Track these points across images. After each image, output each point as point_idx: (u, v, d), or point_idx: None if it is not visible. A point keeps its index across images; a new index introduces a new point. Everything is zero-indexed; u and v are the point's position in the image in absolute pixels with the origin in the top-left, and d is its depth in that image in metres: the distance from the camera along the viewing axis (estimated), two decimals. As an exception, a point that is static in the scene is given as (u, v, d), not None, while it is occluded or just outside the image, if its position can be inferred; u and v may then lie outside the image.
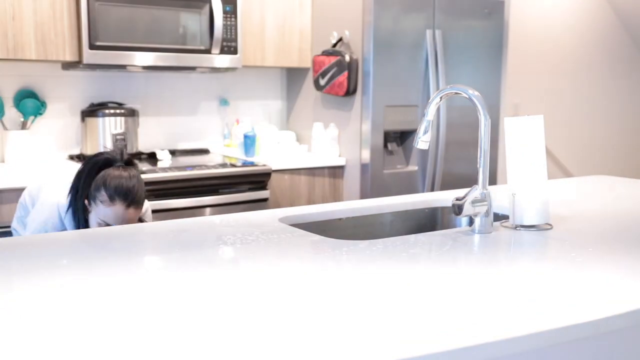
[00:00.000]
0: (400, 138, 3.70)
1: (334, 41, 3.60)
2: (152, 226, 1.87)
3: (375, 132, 3.49)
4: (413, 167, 3.68)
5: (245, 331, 1.06)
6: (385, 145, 3.58)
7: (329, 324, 1.10)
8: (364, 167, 3.53)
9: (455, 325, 1.09)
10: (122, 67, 3.23)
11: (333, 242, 1.64)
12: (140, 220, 2.15)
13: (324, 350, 0.99)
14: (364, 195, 3.53)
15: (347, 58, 3.48)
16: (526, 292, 1.28)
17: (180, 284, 1.31)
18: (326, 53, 3.61)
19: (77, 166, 2.23)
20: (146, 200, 2.18)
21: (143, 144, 3.59)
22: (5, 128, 3.21)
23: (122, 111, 3.35)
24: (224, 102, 3.88)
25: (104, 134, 3.28)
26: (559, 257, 1.55)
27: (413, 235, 1.73)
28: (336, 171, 3.63)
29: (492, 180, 3.79)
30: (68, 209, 2.10)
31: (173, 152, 3.65)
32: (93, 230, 1.85)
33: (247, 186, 3.27)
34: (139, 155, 3.45)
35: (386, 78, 3.49)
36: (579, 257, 1.53)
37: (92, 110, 3.33)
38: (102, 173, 2.07)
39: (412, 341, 1.03)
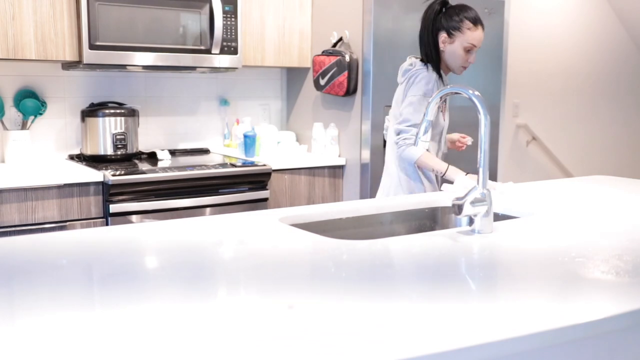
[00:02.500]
0: (400, 138, 3.69)
1: (334, 41, 3.60)
2: (151, 226, 1.87)
3: (375, 132, 3.49)
4: (413, 167, 3.67)
5: (244, 332, 1.06)
6: (385, 146, 3.58)
7: (329, 324, 1.10)
8: (364, 167, 3.53)
9: (455, 325, 1.09)
10: (122, 67, 3.23)
11: (333, 242, 1.64)
12: None
13: (325, 352, 0.99)
14: (364, 195, 3.53)
15: (347, 58, 3.48)
16: (526, 292, 1.28)
17: (179, 284, 1.31)
18: (326, 53, 3.61)
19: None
20: None
21: (143, 144, 3.59)
22: (5, 128, 3.21)
23: (122, 111, 3.35)
24: (224, 102, 3.88)
25: (104, 134, 3.28)
26: (559, 257, 1.55)
27: (413, 235, 1.73)
28: (336, 171, 3.63)
29: (492, 180, 3.78)
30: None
31: (173, 152, 3.65)
32: (89, 230, 1.85)
33: (247, 186, 3.27)
34: (139, 155, 3.45)
35: (386, 78, 3.48)
36: (579, 258, 1.53)
37: (92, 110, 3.32)
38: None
39: (412, 341, 1.03)
